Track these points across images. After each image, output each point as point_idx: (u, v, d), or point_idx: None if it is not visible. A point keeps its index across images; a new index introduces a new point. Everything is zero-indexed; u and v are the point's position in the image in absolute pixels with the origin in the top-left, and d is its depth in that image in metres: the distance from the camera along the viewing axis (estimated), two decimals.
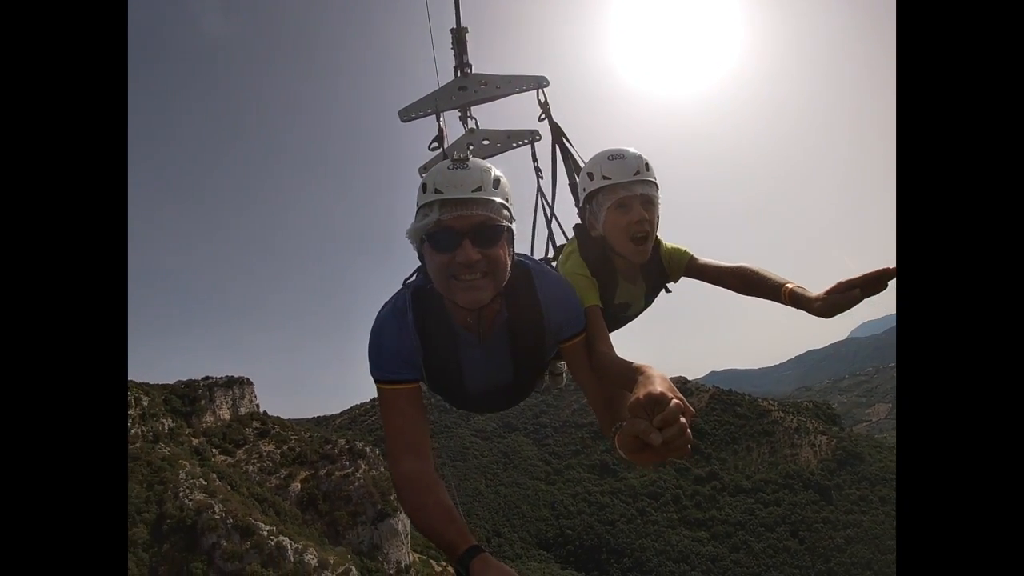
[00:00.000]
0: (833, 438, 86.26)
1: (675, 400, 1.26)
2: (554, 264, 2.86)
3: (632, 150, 2.40)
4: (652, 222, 2.37)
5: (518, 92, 3.99)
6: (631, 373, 1.55)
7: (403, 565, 50.72)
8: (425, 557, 52.26)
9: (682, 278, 2.73)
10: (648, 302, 2.78)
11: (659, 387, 1.31)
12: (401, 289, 1.99)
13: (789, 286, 2.15)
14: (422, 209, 1.74)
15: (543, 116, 3.79)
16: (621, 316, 2.73)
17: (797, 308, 2.09)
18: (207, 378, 60.80)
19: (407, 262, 2.06)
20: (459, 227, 1.69)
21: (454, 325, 1.91)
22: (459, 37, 4.04)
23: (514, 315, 1.94)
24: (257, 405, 63.72)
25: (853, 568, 66.36)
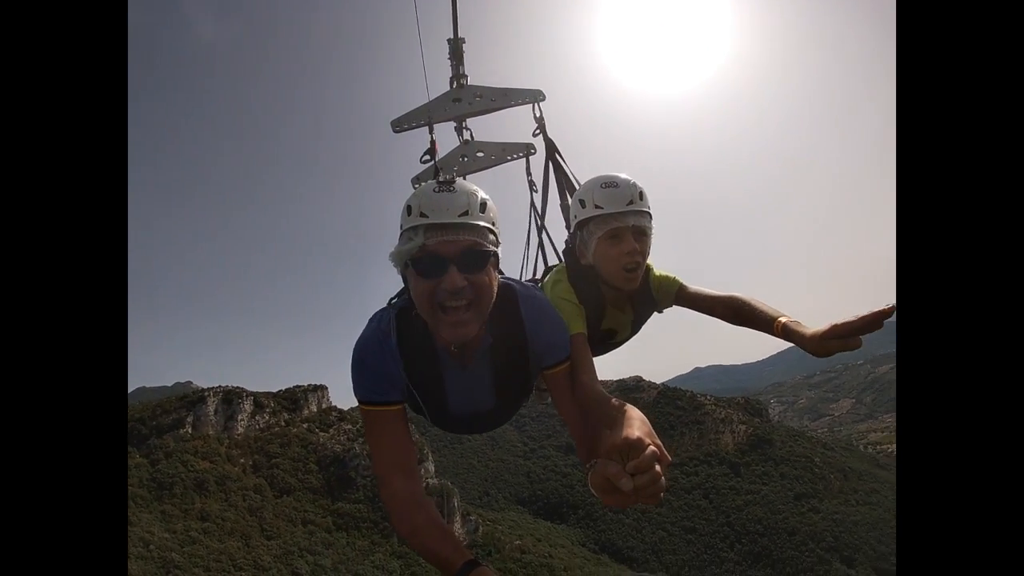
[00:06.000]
0: (751, 427, 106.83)
1: (652, 447, 1.21)
2: (540, 285, 2.70)
3: (626, 177, 2.29)
4: (643, 253, 2.29)
5: (514, 106, 3.86)
6: (611, 411, 1.51)
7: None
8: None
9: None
10: (635, 329, 2.69)
11: (637, 432, 1.25)
12: (385, 308, 1.90)
13: (782, 320, 2.04)
14: (406, 232, 1.65)
15: (537, 131, 3.72)
16: (607, 343, 2.64)
17: (789, 342, 1.96)
18: (298, 385, 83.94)
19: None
20: (445, 252, 1.61)
21: (437, 349, 1.82)
22: (456, 47, 3.87)
23: (498, 340, 1.85)
24: (330, 401, 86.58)
25: (748, 523, 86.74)
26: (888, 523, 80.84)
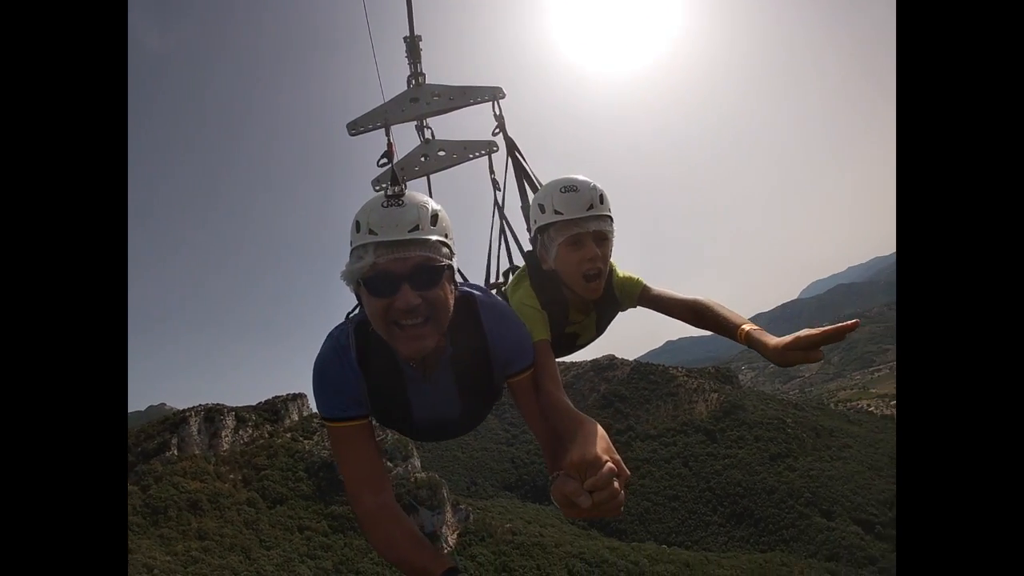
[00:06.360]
0: (723, 394, 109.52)
1: (609, 464, 1.22)
2: (504, 288, 2.76)
3: (585, 179, 2.25)
4: (605, 258, 2.25)
5: (472, 104, 3.77)
6: (571, 424, 1.51)
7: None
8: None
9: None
10: (600, 331, 2.67)
11: (595, 449, 1.26)
12: (343, 324, 1.87)
13: (746, 328, 2.03)
14: (356, 250, 1.62)
15: (497, 130, 3.67)
16: (572, 345, 2.63)
17: (752, 349, 1.97)
18: (277, 396, 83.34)
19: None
20: (396, 270, 1.57)
21: (398, 362, 1.79)
22: (412, 45, 3.74)
23: (459, 350, 1.83)
24: (311, 408, 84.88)
25: (728, 486, 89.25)
26: (863, 475, 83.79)
